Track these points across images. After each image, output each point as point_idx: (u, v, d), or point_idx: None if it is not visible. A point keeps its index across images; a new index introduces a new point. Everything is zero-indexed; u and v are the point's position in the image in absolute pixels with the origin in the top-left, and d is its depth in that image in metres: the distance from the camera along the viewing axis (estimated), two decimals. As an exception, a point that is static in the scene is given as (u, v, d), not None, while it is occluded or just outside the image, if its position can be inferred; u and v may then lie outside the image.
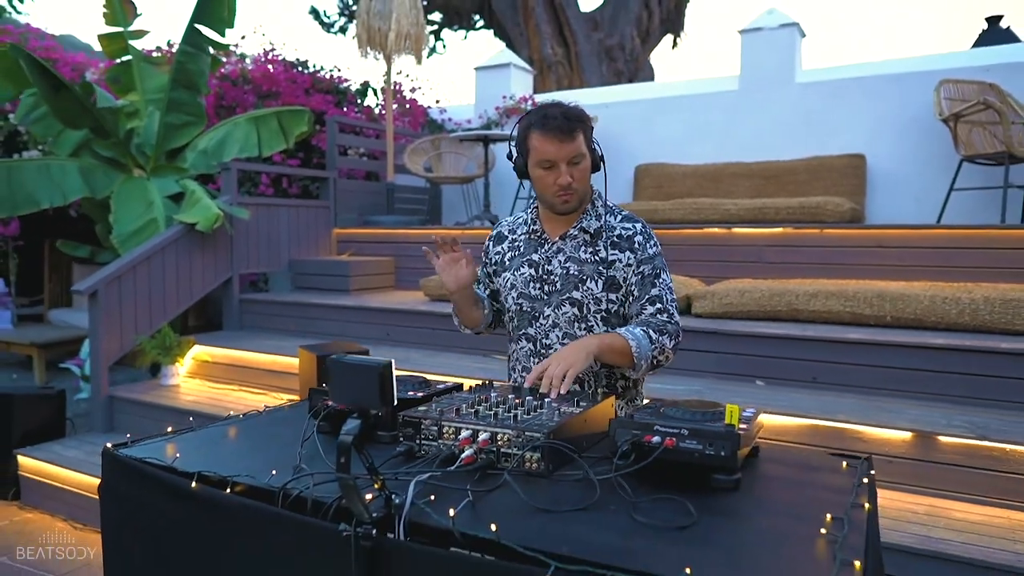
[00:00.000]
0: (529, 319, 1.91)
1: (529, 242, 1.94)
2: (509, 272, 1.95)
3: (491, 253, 2.04)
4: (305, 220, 5.63)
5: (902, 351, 3.03)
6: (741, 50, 5.71)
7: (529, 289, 1.90)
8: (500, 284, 1.99)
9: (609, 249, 1.85)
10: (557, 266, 1.87)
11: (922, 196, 4.95)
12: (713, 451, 1.23)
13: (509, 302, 1.95)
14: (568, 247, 1.88)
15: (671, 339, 1.80)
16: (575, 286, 1.84)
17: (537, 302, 1.89)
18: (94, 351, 4.22)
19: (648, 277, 1.83)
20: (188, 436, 1.61)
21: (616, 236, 1.86)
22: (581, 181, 1.79)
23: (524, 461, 1.31)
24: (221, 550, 1.29)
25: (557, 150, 1.75)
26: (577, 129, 1.75)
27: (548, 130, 1.74)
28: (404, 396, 1.59)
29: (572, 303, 1.84)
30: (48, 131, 5.49)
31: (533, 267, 1.91)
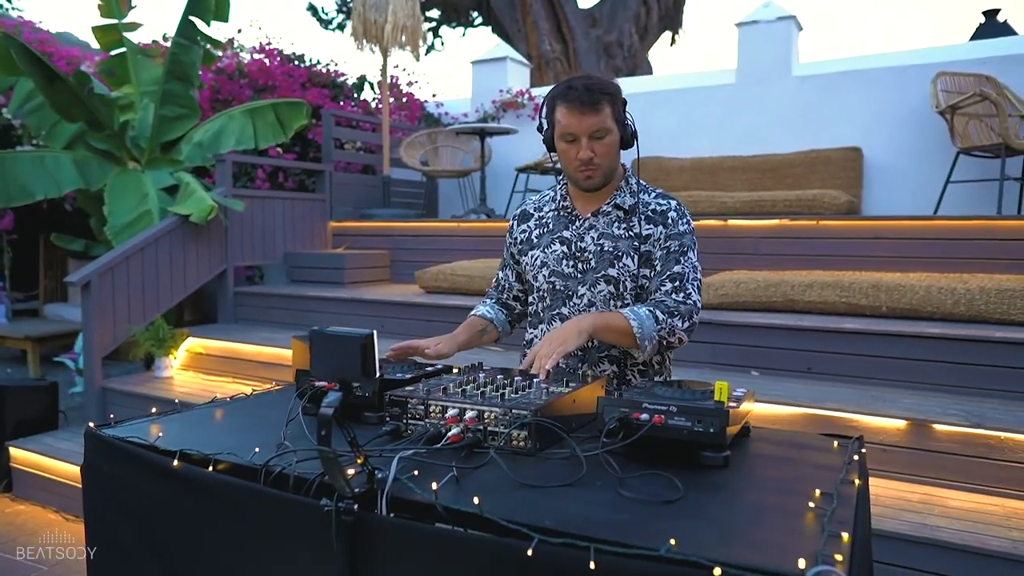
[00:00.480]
0: (563, 298, 1.86)
1: (559, 219, 1.89)
2: (538, 250, 1.90)
3: (515, 232, 1.98)
4: (301, 213, 5.61)
5: (897, 340, 3.01)
6: (738, 43, 5.70)
7: (562, 267, 1.85)
8: (527, 263, 1.92)
9: (643, 224, 1.80)
10: (590, 243, 1.82)
11: (918, 189, 4.93)
12: (702, 428, 1.21)
13: (540, 281, 1.89)
14: (601, 223, 1.83)
15: (684, 320, 1.72)
16: (610, 263, 1.79)
17: (571, 280, 1.84)
18: (87, 343, 4.20)
19: (674, 253, 1.78)
20: (173, 417, 1.59)
21: (651, 211, 1.81)
22: (605, 157, 1.74)
23: (511, 439, 1.29)
24: (204, 528, 1.27)
25: (578, 123, 1.71)
26: (601, 102, 1.69)
27: (570, 102, 1.70)
28: (392, 377, 1.57)
29: (608, 281, 1.79)
30: (42, 123, 5.47)
31: (565, 244, 1.85)
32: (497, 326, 2.00)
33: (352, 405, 1.53)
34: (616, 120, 1.74)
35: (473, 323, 1.97)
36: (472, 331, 1.94)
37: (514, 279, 2.04)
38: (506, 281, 2.07)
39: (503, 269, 2.07)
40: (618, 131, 1.75)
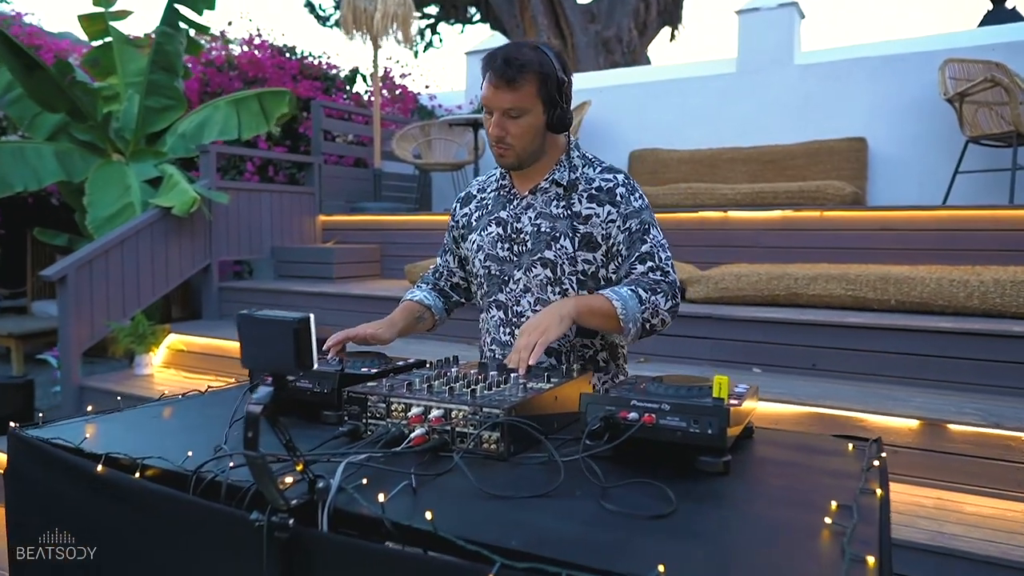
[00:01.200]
0: (499, 284, 1.71)
1: (498, 199, 1.74)
2: (475, 233, 1.75)
3: (458, 215, 1.83)
4: (289, 206, 5.46)
5: (907, 335, 2.86)
6: (738, 31, 5.53)
7: (497, 250, 1.70)
8: (468, 249, 1.78)
9: (585, 202, 1.63)
10: (527, 223, 1.67)
11: (925, 180, 4.77)
12: (699, 429, 1.05)
13: (476, 266, 1.75)
14: (539, 202, 1.67)
15: (666, 299, 1.57)
16: (547, 244, 1.63)
17: (506, 264, 1.69)
18: (63, 339, 4.05)
19: (636, 233, 1.61)
20: (113, 417, 1.44)
21: (595, 188, 1.64)
22: (519, 138, 1.57)
23: (481, 441, 1.14)
24: (131, 540, 1.12)
25: (492, 96, 1.54)
26: (519, 79, 1.51)
27: (489, 71, 1.54)
28: (355, 372, 1.42)
29: (544, 264, 1.64)
30: (24, 113, 5.31)
31: (501, 225, 1.70)
32: (434, 313, 1.83)
33: (309, 403, 1.38)
34: (542, 99, 1.56)
35: (409, 308, 1.79)
36: (409, 316, 1.77)
37: (455, 265, 1.88)
38: (445, 267, 1.90)
39: (442, 255, 1.91)
40: (543, 111, 1.57)
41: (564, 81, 1.58)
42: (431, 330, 1.87)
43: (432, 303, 1.83)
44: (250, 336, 0.89)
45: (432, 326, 1.86)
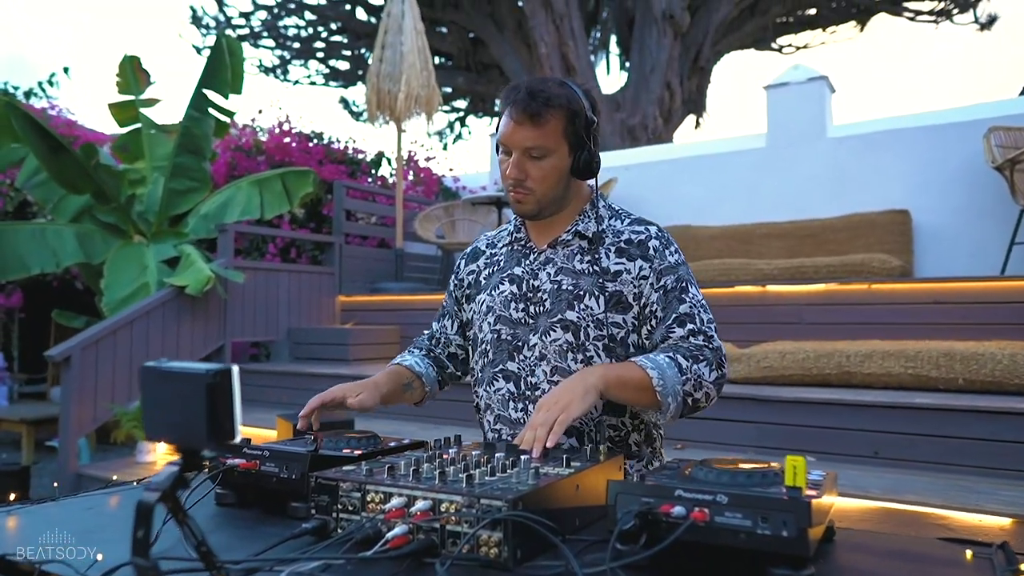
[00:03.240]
0: (509, 350, 1.45)
1: (512, 254, 1.51)
2: (485, 293, 1.50)
3: (462, 273, 1.59)
4: (308, 287, 5.32)
5: (983, 418, 2.52)
6: (767, 106, 5.43)
7: (510, 311, 1.45)
8: (474, 311, 1.52)
9: (614, 256, 1.40)
10: (546, 280, 1.43)
11: (977, 252, 4.48)
12: (770, 529, 0.78)
13: (484, 330, 1.49)
14: (559, 256, 1.44)
15: (711, 368, 1.32)
16: (569, 304, 1.39)
17: (520, 327, 1.44)
18: (63, 422, 3.85)
19: (673, 291, 1.37)
20: (44, 507, 1.20)
21: (624, 241, 1.41)
22: (541, 182, 1.36)
23: (478, 544, 0.87)
24: None
25: (511, 133, 1.35)
26: (545, 114, 1.32)
27: (510, 106, 1.35)
28: (332, 454, 1.16)
29: (565, 326, 1.38)
30: (49, 196, 5.34)
31: (515, 283, 1.46)
32: (425, 383, 1.55)
33: (274, 492, 1.13)
34: (568, 139, 1.36)
35: (397, 372, 1.52)
36: (396, 383, 1.49)
37: (453, 331, 1.62)
38: (442, 333, 1.63)
39: (440, 319, 1.65)
40: (568, 153, 1.37)
41: (593, 122, 1.39)
42: (419, 403, 1.60)
43: (424, 371, 1.55)
44: (154, 396, 0.66)
45: (421, 399, 1.58)
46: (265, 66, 13.94)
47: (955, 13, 12.27)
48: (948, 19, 12.32)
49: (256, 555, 0.87)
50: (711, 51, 12.52)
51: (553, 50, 10.80)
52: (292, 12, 13.35)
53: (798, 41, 13.86)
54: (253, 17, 13.29)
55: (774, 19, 12.93)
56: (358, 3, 13.18)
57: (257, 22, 13.36)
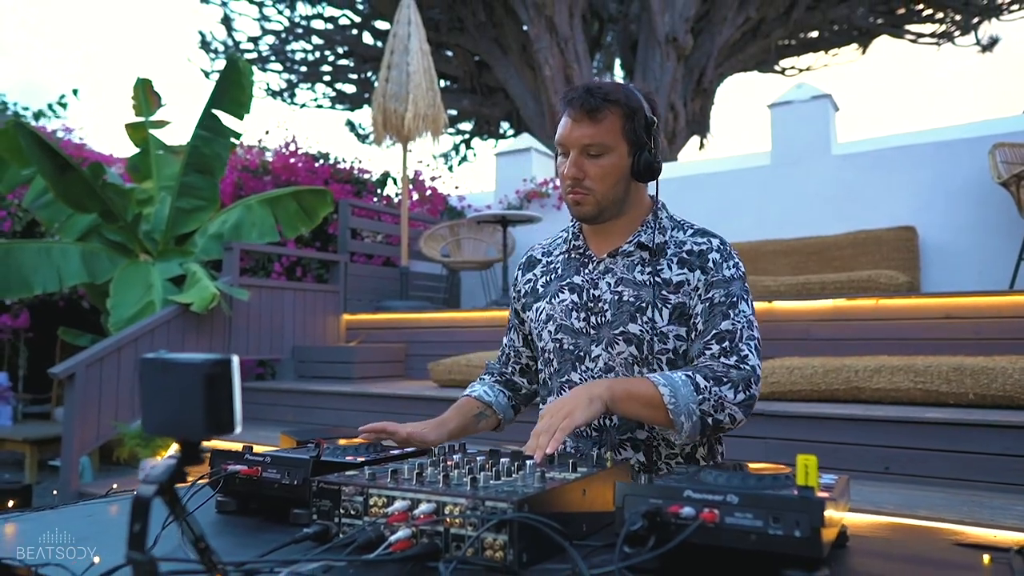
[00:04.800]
0: (572, 361, 1.42)
1: (569, 262, 1.48)
2: (544, 301, 1.48)
3: (520, 284, 1.57)
4: (312, 305, 5.32)
5: (995, 433, 2.48)
6: (771, 125, 5.44)
7: (571, 320, 1.42)
8: (532, 319, 1.51)
9: (675, 267, 1.37)
10: (606, 290, 1.40)
11: (985, 268, 4.46)
12: (782, 530, 0.76)
13: (545, 339, 1.47)
14: (619, 266, 1.41)
15: (736, 391, 1.28)
16: (631, 317, 1.36)
17: (582, 337, 1.41)
18: (66, 440, 3.83)
19: (719, 306, 1.34)
20: (43, 514, 1.18)
21: (686, 252, 1.38)
22: (600, 180, 1.34)
23: (483, 547, 0.85)
24: None
25: (569, 132, 1.34)
26: (602, 110, 1.31)
27: (567, 105, 1.34)
28: (334, 460, 1.15)
29: (628, 340, 1.35)
30: (56, 215, 5.36)
31: (575, 292, 1.43)
32: (497, 411, 1.54)
33: (276, 498, 1.11)
34: (627, 138, 1.34)
35: (467, 405, 1.51)
36: (466, 415, 1.49)
37: (521, 344, 1.61)
38: (511, 348, 1.63)
39: (508, 333, 1.64)
40: (627, 152, 1.35)
41: (653, 121, 1.36)
42: (497, 429, 1.59)
43: (493, 399, 1.55)
44: (152, 387, 0.65)
45: (497, 425, 1.57)
46: (272, 89, 14.09)
47: (957, 35, 12.34)
48: (950, 41, 12.39)
49: (261, 555, 0.85)
50: (714, 73, 12.60)
51: (557, 73, 10.88)
52: (299, 37, 13.53)
53: (800, 63, 13.96)
54: (261, 41, 13.47)
55: (776, 42, 13.02)
56: (364, 27, 13.34)
57: (265, 46, 13.53)
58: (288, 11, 13.20)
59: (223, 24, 13.10)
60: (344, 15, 13.26)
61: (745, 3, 11.38)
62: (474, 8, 11.69)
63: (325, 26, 13.39)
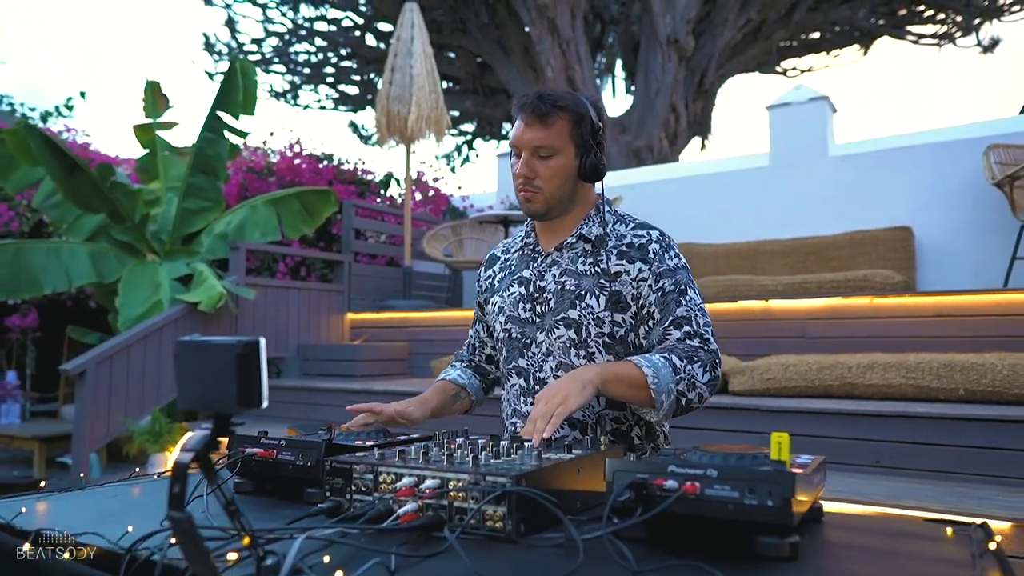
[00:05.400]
0: (520, 348, 1.55)
1: (522, 258, 1.61)
2: (497, 295, 1.61)
3: (482, 279, 1.71)
4: (317, 304, 5.39)
5: (982, 427, 2.55)
6: (770, 126, 5.51)
7: (519, 311, 1.55)
8: (490, 311, 1.64)
9: (615, 259, 1.48)
10: (551, 281, 1.52)
11: (981, 268, 4.52)
12: (756, 499, 0.83)
13: (498, 329, 1.60)
14: (564, 259, 1.53)
15: (705, 370, 1.38)
16: (571, 303, 1.47)
17: (528, 326, 1.53)
18: (77, 436, 3.91)
19: (671, 294, 1.44)
20: (71, 495, 1.26)
21: (625, 244, 1.49)
22: (548, 180, 1.45)
23: (484, 518, 0.92)
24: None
25: (520, 134, 1.45)
26: (552, 116, 1.43)
27: (519, 110, 1.46)
28: (345, 442, 1.22)
29: (568, 324, 1.47)
30: (65, 216, 5.44)
31: (524, 285, 1.56)
32: (470, 392, 1.68)
33: (290, 479, 1.19)
34: (574, 141, 1.46)
35: (443, 387, 1.64)
36: (444, 396, 1.62)
37: (485, 334, 1.74)
38: (476, 338, 1.76)
39: (474, 324, 1.77)
40: (574, 155, 1.46)
41: (599, 127, 1.48)
42: (468, 411, 1.72)
43: (467, 382, 1.68)
44: (188, 367, 0.72)
45: (469, 407, 1.70)
46: (276, 91, 14.18)
47: (958, 36, 12.39)
48: (951, 42, 12.44)
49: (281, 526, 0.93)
50: (715, 74, 12.65)
51: (559, 74, 10.95)
52: (303, 38, 13.61)
53: (802, 64, 14.01)
54: (264, 43, 13.56)
55: (777, 43, 13.09)
56: (367, 29, 13.43)
57: (268, 48, 13.63)
58: (291, 13, 13.29)
59: (227, 26, 13.20)
60: (347, 17, 13.35)
61: (746, 5, 11.44)
62: (476, 10, 11.76)
63: (328, 28, 13.48)
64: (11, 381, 6.58)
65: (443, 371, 1.75)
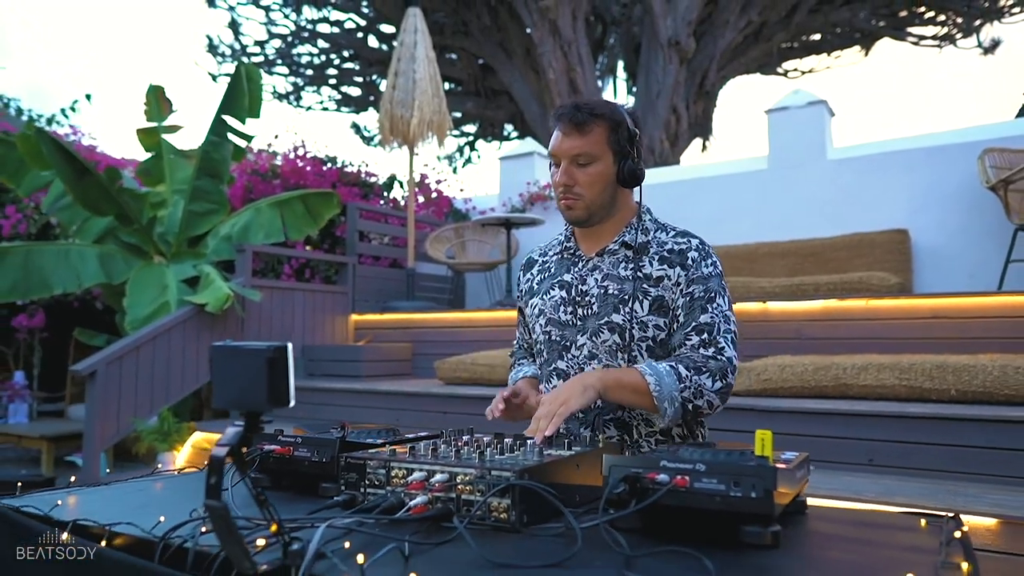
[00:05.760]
0: (559, 350, 1.58)
1: (561, 261, 1.65)
2: (537, 297, 1.65)
3: (521, 283, 1.75)
4: (322, 306, 5.47)
5: (972, 426, 2.61)
6: (768, 130, 5.57)
7: (559, 314, 1.59)
8: (529, 313, 1.68)
9: (656, 264, 1.52)
10: (593, 285, 1.56)
11: (977, 271, 4.58)
12: (740, 492, 0.90)
13: (537, 331, 1.64)
14: (606, 264, 1.57)
15: (714, 379, 1.42)
16: (615, 308, 1.51)
17: (569, 329, 1.57)
18: (88, 435, 3.99)
19: (698, 300, 1.49)
20: (98, 489, 1.33)
21: (667, 251, 1.54)
22: (588, 187, 1.50)
23: (490, 510, 0.99)
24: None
25: (559, 143, 1.51)
26: (589, 124, 1.47)
27: (557, 120, 1.51)
28: (357, 439, 1.30)
29: (612, 328, 1.51)
30: (74, 219, 5.52)
31: (565, 288, 1.60)
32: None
33: (306, 474, 1.26)
34: (612, 148, 1.50)
35: (532, 382, 1.70)
36: (536, 386, 1.68)
37: (530, 336, 1.78)
38: (523, 340, 1.83)
39: (518, 327, 1.84)
40: (612, 161, 1.51)
41: (635, 134, 1.52)
42: None
43: (536, 372, 1.74)
44: (222, 369, 0.80)
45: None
46: (279, 92, 14.25)
47: (958, 38, 12.44)
48: (952, 44, 12.49)
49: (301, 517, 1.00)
50: (716, 76, 12.70)
51: (561, 76, 11.01)
52: (305, 40, 13.69)
53: (803, 66, 14.06)
54: (268, 45, 13.63)
55: (778, 45, 13.13)
56: (369, 31, 13.50)
57: (271, 50, 13.70)
58: (294, 15, 13.37)
59: (230, 28, 13.27)
60: (349, 19, 13.42)
61: (747, 7, 11.50)
62: (479, 12, 11.83)
63: (331, 30, 13.55)
64: (19, 381, 6.65)
65: (514, 369, 1.80)
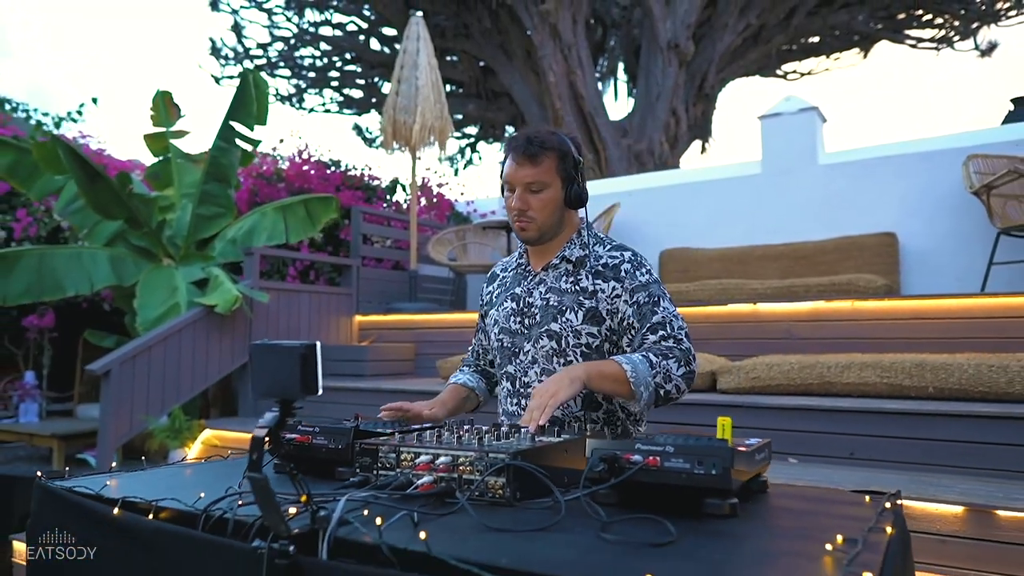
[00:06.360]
0: (509, 356, 1.80)
1: (516, 276, 1.86)
2: (494, 309, 1.86)
3: (484, 293, 1.96)
4: (327, 307, 5.62)
5: (947, 422, 2.76)
6: (762, 135, 5.72)
7: (510, 323, 1.80)
8: (488, 323, 1.89)
9: (592, 279, 1.71)
10: (538, 297, 1.76)
11: (963, 274, 4.72)
12: (703, 470, 1.05)
13: (492, 339, 1.85)
14: (550, 278, 1.77)
15: (679, 365, 1.60)
16: (553, 318, 1.71)
17: (517, 336, 1.78)
18: (102, 432, 4.14)
19: (646, 305, 1.67)
20: (137, 474, 1.48)
21: (601, 265, 1.73)
22: (540, 211, 1.69)
23: (487, 488, 1.14)
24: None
25: (513, 172, 1.69)
26: (540, 155, 1.66)
27: (511, 151, 1.69)
28: (369, 429, 1.44)
29: (550, 336, 1.71)
30: (85, 222, 5.67)
31: (515, 300, 1.81)
32: (478, 393, 1.94)
33: (323, 460, 1.40)
34: (560, 175, 1.69)
35: (455, 389, 1.90)
36: (456, 397, 1.87)
37: (487, 342, 1.98)
38: (479, 346, 2.02)
39: (476, 334, 2.02)
40: (560, 187, 1.70)
41: (579, 161, 1.72)
42: (476, 409, 1.97)
43: (475, 384, 1.93)
44: (260, 364, 0.94)
45: (477, 405, 1.95)
46: (281, 95, 14.41)
47: (956, 40, 12.58)
48: (949, 46, 12.62)
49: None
50: (716, 78, 12.84)
51: (561, 78, 11.16)
52: (308, 43, 13.85)
53: (802, 68, 14.20)
54: (270, 48, 13.79)
55: (777, 47, 13.27)
56: (371, 34, 13.65)
57: (274, 52, 13.85)
58: (297, 18, 13.52)
59: (233, 31, 13.43)
60: (352, 22, 13.58)
61: (746, 9, 11.64)
62: (479, 15, 11.98)
63: (333, 32, 13.71)
64: (30, 381, 6.80)
65: (453, 375, 1.99)
